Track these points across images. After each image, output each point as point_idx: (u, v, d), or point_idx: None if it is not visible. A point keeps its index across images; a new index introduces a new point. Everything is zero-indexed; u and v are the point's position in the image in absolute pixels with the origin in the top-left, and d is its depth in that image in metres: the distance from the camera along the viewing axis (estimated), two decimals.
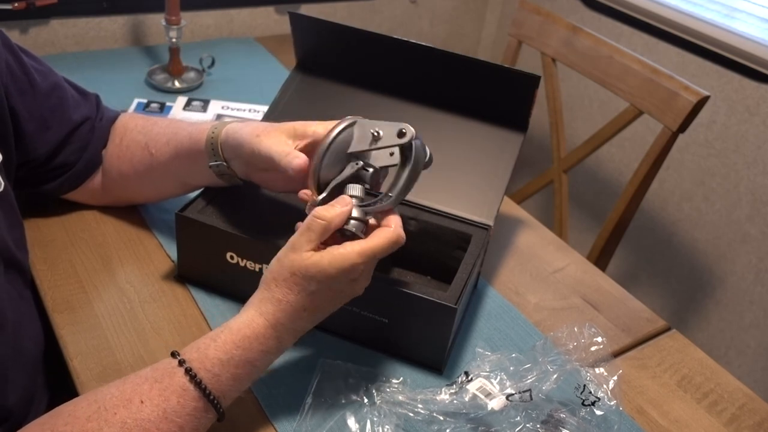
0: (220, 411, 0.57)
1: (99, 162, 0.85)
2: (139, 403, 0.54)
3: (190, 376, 0.55)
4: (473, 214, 0.82)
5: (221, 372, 0.57)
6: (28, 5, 1.30)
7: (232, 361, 0.57)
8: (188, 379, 0.55)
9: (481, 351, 0.71)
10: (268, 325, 0.59)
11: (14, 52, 0.75)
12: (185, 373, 0.55)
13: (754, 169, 1.50)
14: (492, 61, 0.82)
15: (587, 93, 1.84)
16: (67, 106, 0.81)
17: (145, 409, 0.53)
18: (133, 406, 0.53)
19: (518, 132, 0.85)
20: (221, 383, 0.57)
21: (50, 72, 0.81)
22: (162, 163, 0.81)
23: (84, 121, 0.83)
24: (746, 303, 1.59)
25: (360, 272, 0.60)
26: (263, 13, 1.61)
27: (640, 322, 0.86)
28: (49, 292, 0.78)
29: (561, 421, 0.65)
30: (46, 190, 0.84)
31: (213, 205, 0.80)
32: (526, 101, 0.82)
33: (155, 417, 0.53)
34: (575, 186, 1.84)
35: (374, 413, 0.65)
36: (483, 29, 2.08)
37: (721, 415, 0.74)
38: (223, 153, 0.74)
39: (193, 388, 0.55)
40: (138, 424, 0.53)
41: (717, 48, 1.51)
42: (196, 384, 0.55)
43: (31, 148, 0.78)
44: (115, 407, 0.53)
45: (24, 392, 0.69)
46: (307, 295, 0.59)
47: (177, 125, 0.81)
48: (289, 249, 0.60)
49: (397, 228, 0.61)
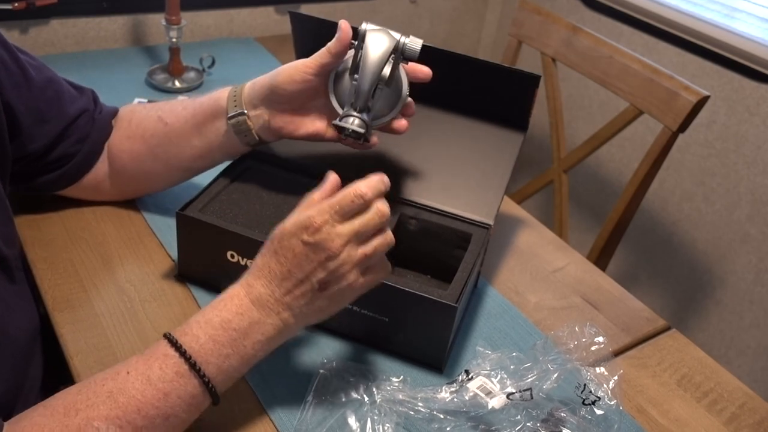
0: (204, 379, 0.57)
1: (99, 153, 0.86)
2: (126, 373, 0.56)
3: (168, 339, 0.57)
4: (473, 214, 0.82)
5: (199, 333, 0.57)
6: (28, 5, 1.30)
7: (210, 322, 0.58)
8: (167, 343, 0.57)
9: (482, 350, 0.72)
10: (246, 287, 0.60)
11: (7, 47, 0.75)
12: (167, 341, 0.57)
13: (754, 169, 1.50)
14: (492, 61, 0.82)
15: (587, 93, 1.84)
16: (63, 99, 0.82)
17: (130, 378, 0.56)
18: (120, 376, 0.56)
19: (518, 132, 0.85)
20: (201, 346, 0.57)
21: (44, 67, 0.81)
22: (177, 129, 0.83)
23: (81, 114, 0.83)
24: (746, 303, 1.59)
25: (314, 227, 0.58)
26: (263, 13, 1.61)
27: (640, 322, 0.86)
28: (50, 291, 0.78)
29: (561, 420, 0.65)
30: (44, 183, 0.84)
31: (214, 204, 0.80)
32: (527, 101, 0.82)
33: (139, 384, 0.55)
34: (575, 186, 1.84)
35: (375, 411, 0.65)
36: (483, 29, 2.08)
37: (720, 414, 0.74)
38: (244, 102, 0.78)
39: (173, 352, 0.57)
40: (123, 392, 0.55)
41: (717, 48, 1.51)
42: (176, 348, 0.57)
43: (28, 142, 0.78)
44: (104, 380, 0.56)
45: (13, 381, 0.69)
46: (272, 255, 0.60)
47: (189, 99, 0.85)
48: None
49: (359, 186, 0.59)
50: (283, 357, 0.72)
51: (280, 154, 0.88)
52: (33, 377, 0.75)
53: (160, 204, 0.92)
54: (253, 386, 0.69)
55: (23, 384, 0.72)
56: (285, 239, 0.59)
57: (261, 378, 0.70)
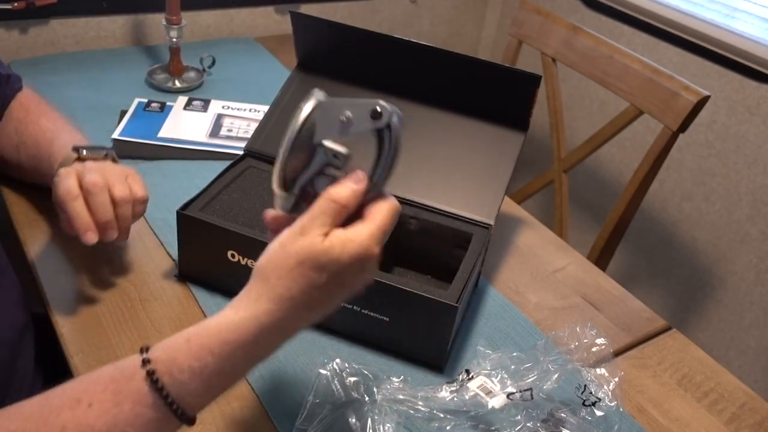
0: (184, 419, 0.48)
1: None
2: (87, 406, 0.46)
3: (151, 381, 0.47)
4: (474, 214, 0.82)
5: (189, 381, 0.47)
6: (28, 5, 1.30)
7: (205, 370, 0.48)
8: (148, 384, 0.47)
9: (482, 349, 0.72)
10: (260, 330, 0.49)
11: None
12: (146, 377, 0.47)
13: (754, 169, 1.50)
14: (492, 61, 0.82)
15: (587, 93, 1.84)
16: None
17: (91, 414, 0.46)
18: (80, 409, 0.46)
19: (519, 131, 0.85)
20: (189, 393, 0.48)
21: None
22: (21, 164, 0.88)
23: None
24: (746, 303, 1.59)
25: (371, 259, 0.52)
26: (263, 13, 1.61)
27: (641, 322, 0.86)
28: (50, 290, 0.78)
29: (561, 421, 0.65)
30: None
31: (214, 204, 0.80)
32: (527, 101, 0.82)
33: (101, 423, 0.45)
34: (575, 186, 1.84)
35: (375, 411, 0.65)
36: (483, 29, 2.08)
37: (721, 414, 0.74)
38: None
39: (153, 396, 0.46)
40: (79, 429, 0.45)
41: (717, 48, 1.51)
42: (156, 390, 0.46)
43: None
44: (60, 408, 0.46)
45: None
46: (315, 289, 0.49)
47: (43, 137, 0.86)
48: (297, 233, 0.50)
49: (392, 198, 0.54)
50: (284, 357, 0.72)
51: None
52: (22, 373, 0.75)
53: (160, 204, 0.92)
54: (253, 386, 0.69)
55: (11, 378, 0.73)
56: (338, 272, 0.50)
57: (261, 378, 0.70)
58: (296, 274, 0.49)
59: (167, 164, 1.03)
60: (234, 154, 1.05)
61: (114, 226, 0.74)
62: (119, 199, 0.74)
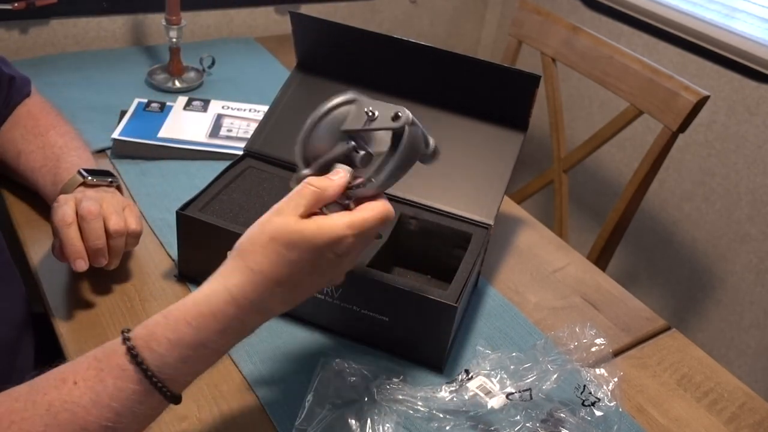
0: (167, 395, 0.50)
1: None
2: (72, 384, 0.48)
3: (131, 356, 0.49)
4: (474, 214, 0.82)
5: (167, 353, 0.49)
6: (28, 5, 1.30)
7: (181, 341, 0.50)
8: (128, 359, 0.49)
9: (482, 350, 0.72)
10: (231, 301, 0.51)
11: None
12: (126, 351, 0.49)
13: (754, 169, 1.50)
14: (492, 61, 0.82)
15: (587, 93, 1.84)
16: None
17: (76, 391, 0.48)
18: (65, 387, 0.48)
19: (519, 131, 0.85)
20: (168, 365, 0.49)
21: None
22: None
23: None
24: (746, 303, 1.59)
25: (347, 249, 0.54)
26: (263, 13, 1.61)
27: (640, 322, 0.86)
28: (49, 290, 0.78)
29: (560, 421, 0.65)
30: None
31: (214, 204, 0.80)
32: (527, 101, 0.82)
33: (86, 400, 0.48)
34: (575, 186, 1.84)
35: (374, 411, 0.65)
36: (483, 29, 2.08)
37: (721, 414, 0.74)
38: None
39: (133, 369, 0.48)
40: (65, 407, 0.47)
41: (717, 48, 1.51)
42: (136, 365, 0.48)
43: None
44: (47, 387, 0.48)
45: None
46: (285, 264, 0.52)
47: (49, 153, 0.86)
48: (273, 213, 0.54)
49: (387, 203, 0.57)
50: (283, 357, 0.72)
51: (280, 154, 0.88)
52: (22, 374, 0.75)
53: (159, 204, 0.92)
54: (253, 386, 0.69)
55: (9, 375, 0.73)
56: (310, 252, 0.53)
57: (261, 378, 0.70)
58: (268, 250, 0.52)
59: (167, 164, 1.03)
60: (234, 154, 1.05)
61: (104, 254, 0.74)
62: (113, 231, 0.74)
